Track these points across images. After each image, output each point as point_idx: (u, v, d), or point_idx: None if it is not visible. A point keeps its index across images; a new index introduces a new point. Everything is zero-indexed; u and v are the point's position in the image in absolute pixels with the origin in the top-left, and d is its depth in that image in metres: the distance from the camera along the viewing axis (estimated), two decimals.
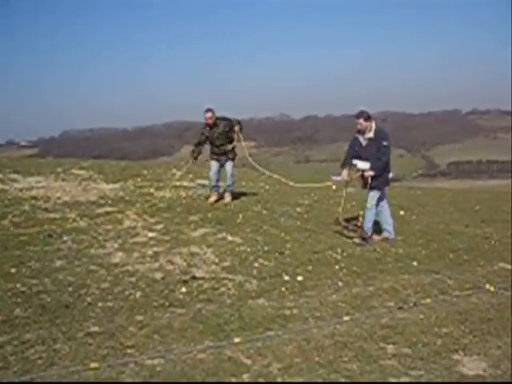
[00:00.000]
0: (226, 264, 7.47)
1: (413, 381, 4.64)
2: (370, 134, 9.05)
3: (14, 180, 12.07)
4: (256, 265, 7.50)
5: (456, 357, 5.11)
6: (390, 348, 5.23)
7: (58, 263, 7.08)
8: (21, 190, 11.08)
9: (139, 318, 5.66)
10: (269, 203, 11.53)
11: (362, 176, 9.13)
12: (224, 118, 11.00)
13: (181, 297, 6.28)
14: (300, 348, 5.12)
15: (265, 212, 10.64)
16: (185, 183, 13.21)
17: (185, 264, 7.35)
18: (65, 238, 8.11)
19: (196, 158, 11.14)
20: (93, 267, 7.02)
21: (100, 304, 5.94)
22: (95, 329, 5.36)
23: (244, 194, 12.30)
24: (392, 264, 8.06)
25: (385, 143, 8.97)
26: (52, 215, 9.26)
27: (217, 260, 7.59)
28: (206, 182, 13.85)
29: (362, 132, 9.14)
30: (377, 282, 7.22)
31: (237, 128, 11.00)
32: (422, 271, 7.83)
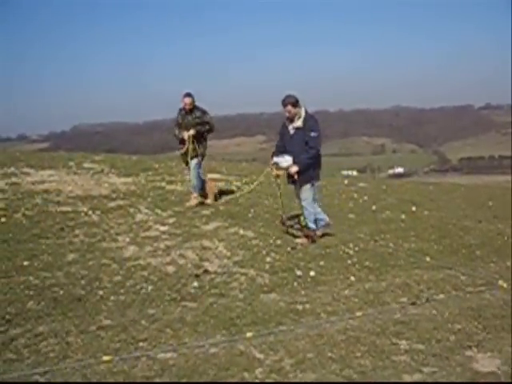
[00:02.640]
0: (237, 258, 7.46)
1: (426, 377, 4.61)
2: (299, 123, 8.12)
3: (27, 173, 12.11)
4: (268, 259, 7.49)
5: (469, 353, 5.07)
6: (403, 344, 5.20)
7: (71, 256, 7.10)
8: (33, 183, 11.11)
9: (151, 311, 5.67)
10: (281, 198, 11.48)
11: (289, 175, 8.34)
12: (203, 111, 10.09)
13: (193, 291, 6.27)
14: (312, 343, 5.11)
15: (276, 206, 10.61)
16: None
17: (197, 258, 7.35)
18: (77, 231, 8.12)
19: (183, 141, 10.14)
20: (105, 261, 7.03)
21: (112, 297, 5.95)
22: (107, 322, 5.37)
23: (256, 189, 12.27)
24: (404, 259, 8.02)
25: (313, 134, 8.01)
26: (64, 209, 9.28)
27: (229, 254, 7.58)
28: (217, 175, 13.87)
29: (290, 120, 8.22)
30: (389, 278, 7.19)
31: (192, 132, 9.90)
32: (435, 267, 7.79)
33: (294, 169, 8.10)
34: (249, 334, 5.17)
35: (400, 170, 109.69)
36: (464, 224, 10.84)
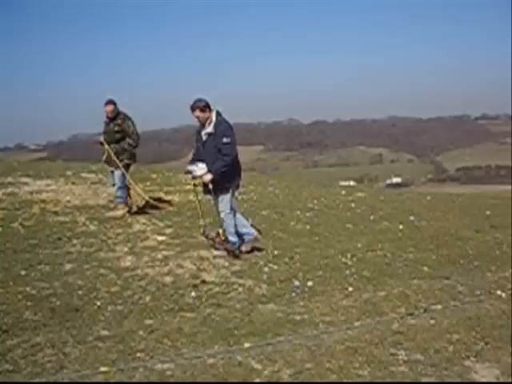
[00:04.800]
0: (235, 268, 7.45)
1: None
2: (210, 128, 7.59)
3: (24, 183, 12.10)
4: (266, 269, 7.48)
5: (468, 363, 5.06)
6: (402, 354, 5.18)
7: (68, 266, 7.09)
8: (31, 193, 11.10)
9: (149, 322, 5.65)
10: (278, 208, 11.51)
11: (205, 185, 7.77)
12: (124, 117, 9.61)
13: (190, 301, 6.26)
14: (310, 353, 5.09)
15: (274, 216, 10.63)
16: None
17: (194, 268, 7.34)
18: (74, 241, 8.11)
19: (102, 144, 9.68)
20: (102, 271, 7.01)
21: (110, 308, 5.93)
22: (105, 333, 5.34)
23: (253, 199, 12.29)
24: (402, 269, 8.01)
25: (225, 140, 7.47)
26: (62, 218, 9.28)
27: (226, 264, 7.57)
28: None
29: (202, 125, 7.70)
30: (387, 288, 7.18)
31: (124, 162, 9.56)
32: (433, 277, 7.78)
33: (208, 177, 7.57)
34: (247, 345, 5.15)
35: (397, 179, 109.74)
36: (462, 234, 10.84)
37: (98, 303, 6.02)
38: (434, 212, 13.42)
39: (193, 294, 6.45)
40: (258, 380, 4.55)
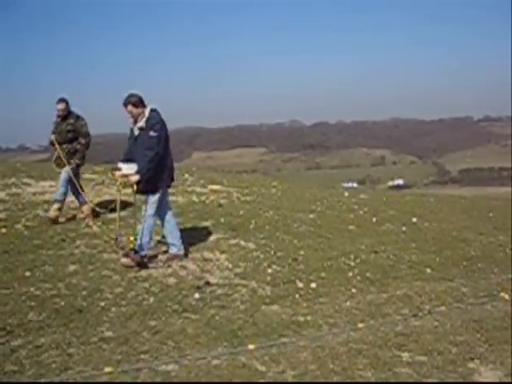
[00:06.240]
0: (239, 270, 7.45)
1: None
2: (142, 123, 7.33)
3: (28, 184, 12.11)
4: (269, 271, 7.48)
5: (471, 365, 5.07)
6: (405, 356, 5.19)
7: (72, 267, 7.10)
8: (34, 194, 11.11)
9: (153, 323, 5.66)
10: (281, 209, 11.50)
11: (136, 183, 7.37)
12: (77, 116, 9.35)
13: (194, 302, 6.27)
14: (314, 355, 5.10)
15: (277, 218, 10.61)
16: (197, 189, 13.20)
17: (198, 269, 7.34)
18: (78, 242, 8.12)
19: (53, 144, 9.34)
20: (106, 272, 7.02)
21: (114, 309, 5.94)
22: (109, 334, 5.36)
23: (256, 200, 12.28)
24: (405, 271, 8.02)
25: (151, 133, 7.21)
26: (65, 219, 9.28)
27: (230, 266, 7.58)
28: (218, 187, 13.86)
29: (135, 121, 7.45)
30: (391, 289, 7.19)
31: (75, 162, 9.28)
32: (436, 278, 7.79)
33: (134, 178, 7.27)
34: (251, 346, 5.16)
35: (400, 181, 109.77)
36: (465, 236, 10.84)
37: (102, 304, 6.03)
38: (437, 214, 13.40)
39: (196, 295, 6.45)
40: (262, 381, 4.56)
